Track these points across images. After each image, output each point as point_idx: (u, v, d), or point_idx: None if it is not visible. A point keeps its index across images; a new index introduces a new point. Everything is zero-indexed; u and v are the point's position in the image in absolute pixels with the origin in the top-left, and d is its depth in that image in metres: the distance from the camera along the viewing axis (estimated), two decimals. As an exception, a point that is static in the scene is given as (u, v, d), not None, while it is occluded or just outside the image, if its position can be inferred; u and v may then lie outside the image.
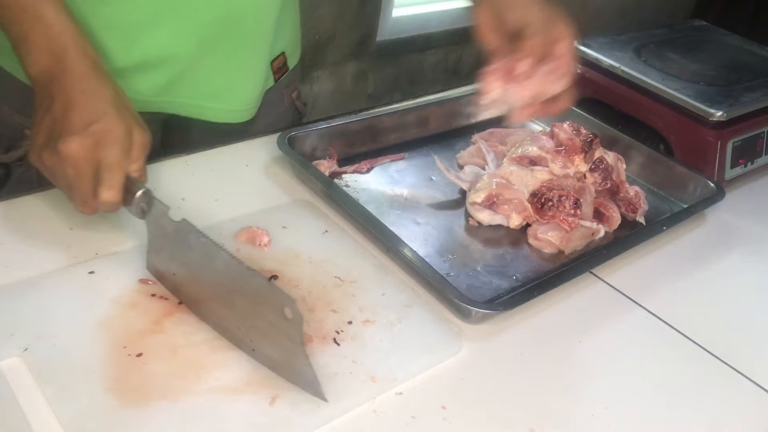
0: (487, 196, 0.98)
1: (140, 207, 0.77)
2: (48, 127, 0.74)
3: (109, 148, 0.74)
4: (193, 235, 0.74)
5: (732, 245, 1.08)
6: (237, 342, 0.72)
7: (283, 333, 0.68)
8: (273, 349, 0.69)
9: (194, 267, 0.75)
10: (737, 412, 0.79)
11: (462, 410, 0.72)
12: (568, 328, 0.86)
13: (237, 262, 0.71)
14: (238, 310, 0.71)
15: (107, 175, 0.74)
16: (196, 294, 0.75)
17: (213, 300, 0.74)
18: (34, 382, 0.65)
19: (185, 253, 0.75)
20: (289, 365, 0.69)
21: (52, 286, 0.75)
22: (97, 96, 0.75)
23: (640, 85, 1.23)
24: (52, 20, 0.76)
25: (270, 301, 0.68)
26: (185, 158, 1.01)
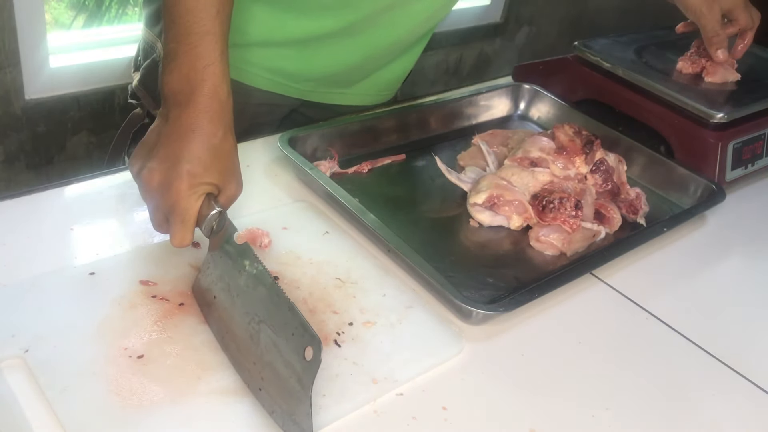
0: (488, 198, 0.98)
1: (210, 226, 0.76)
2: (150, 144, 0.76)
3: (187, 194, 0.73)
4: (249, 260, 0.73)
5: (733, 247, 1.08)
6: (247, 378, 0.69)
7: (295, 375, 0.65)
8: (279, 392, 0.66)
9: (236, 293, 0.73)
10: (738, 414, 0.79)
11: (463, 411, 0.72)
12: (569, 330, 0.86)
13: (279, 292, 0.69)
14: (261, 344, 0.69)
15: (179, 225, 0.74)
16: (227, 321, 0.73)
17: (240, 330, 0.71)
18: (35, 383, 0.65)
19: (234, 277, 0.74)
20: (290, 412, 0.65)
21: (53, 287, 0.75)
22: (202, 138, 0.75)
23: (641, 86, 1.23)
24: (204, 52, 0.76)
25: (296, 337, 0.65)
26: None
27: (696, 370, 0.84)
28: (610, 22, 3.28)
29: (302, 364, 0.64)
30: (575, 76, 1.32)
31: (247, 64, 1.08)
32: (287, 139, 1.01)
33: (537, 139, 1.05)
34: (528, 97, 1.31)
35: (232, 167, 0.78)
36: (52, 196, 0.89)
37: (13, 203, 0.87)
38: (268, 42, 1.07)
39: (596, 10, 3.18)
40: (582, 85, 1.31)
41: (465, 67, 2.78)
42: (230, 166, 0.78)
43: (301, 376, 0.64)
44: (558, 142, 1.03)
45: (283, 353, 0.66)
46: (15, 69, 1.83)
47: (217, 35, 0.77)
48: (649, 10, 3.40)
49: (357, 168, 1.06)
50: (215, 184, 0.76)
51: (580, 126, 1.06)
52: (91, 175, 0.93)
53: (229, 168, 0.78)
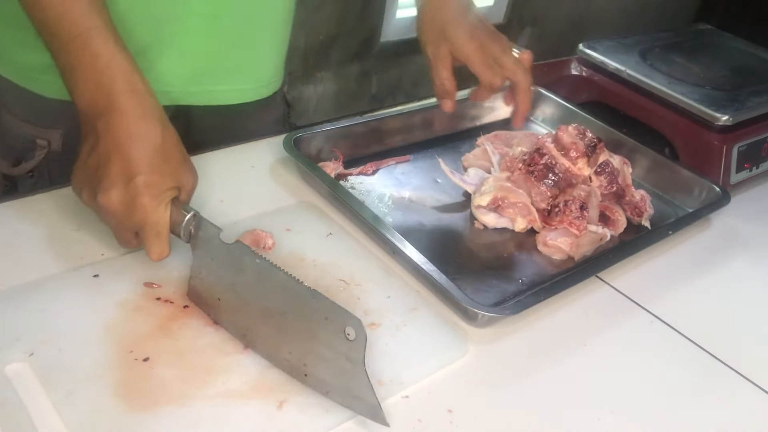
0: (492, 200, 0.98)
1: (188, 231, 0.75)
2: (92, 167, 0.72)
3: (150, 208, 0.72)
4: (248, 257, 0.71)
5: (737, 250, 1.08)
6: (288, 368, 0.69)
7: (342, 354, 0.65)
8: (330, 372, 0.66)
9: (244, 291, 0.72)
10: (743, 417, 0.79)
11: (468, 414, 0.72)
12: (574, 332, 0.85)
13: (296, 282, 0.68)
14: (292, 334, 0.68)
15: (154, 239, 0.73)
16: (244, 320, 0.72)
17: (263, 325, 0.71)
18: (41, 386, 0.64)
19: (235, 276, 0.72)
20: (347, 389, 0.66)
21: (57, 290, 0.75)
22: (143, 142, 0.72)
23: (645, 88, 1.23)
24: (98, 50, 0.72)
25: (331, 320, 0.65)
26: (192, 158, 1.01)
27: (701, 373, 0.84)
28: (613, 23, 3.28)
29: (347, 344, 0.64)
30: (579, 77, 1.32)
31: None
32: (291, 139, 1.01)
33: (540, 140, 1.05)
34: (532, 98, 1.31)
35: (183, 161, 0.76)
36: (56, 197, 0.88)
37: (17, 204, 0.87)
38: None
39: (599, 11, 3.18)
40: (586, 86, 1.31)
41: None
42: (181, 160, 0.76)
43: (349, 355, 0.65)
44: (560, 144, 1.02)
45: (321, 338, 0.66)
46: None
47: (101, 27, 0.73)
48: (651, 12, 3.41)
49: (361, 169, 1.06)
50: (175, 186, 0.74)
51: (585, 128, 1.05)
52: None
53: (181, 163, 0.76)
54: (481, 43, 1.01)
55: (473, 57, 1.01)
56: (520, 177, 1.00)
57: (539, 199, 0.98)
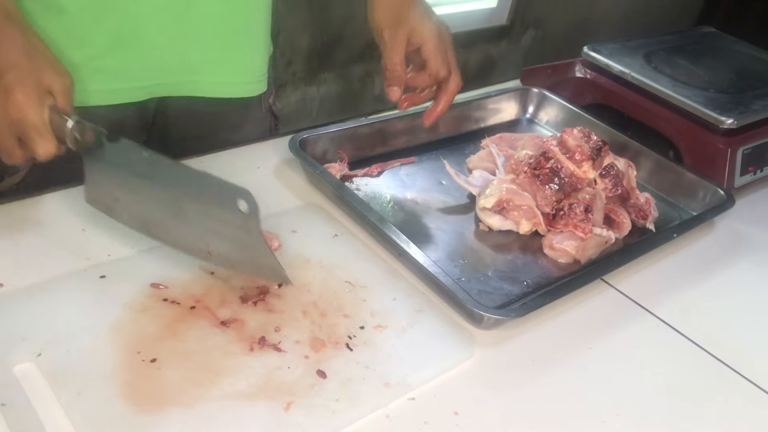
0: (497, 202, 0.98)
1: (74, 137, 0.74)
2: None
3: (26, 104, 0.72)
4: (134, 152, 0.72)
5: (741, 253, 1.08)
6: (194, 252, 0.71)
7: (240, 227, 0.66)
8: (230, 246, 0.68)
9: (138, 185, 0.72)
10: (747, 421, 0.79)
11: (474, 416, 0.72)
12: (579, 335, 0.85)
13: (181, 167, 0.69)
14: (190, 218, 0.69)
15: (35, 135, 0.72)
16: (145, 215, 0.73)
17: (162, 215, 0.71)
18: (48, 387, 0.65)
19: (127, 173, 0.73)
20: (249, 259, 0.67)
21: (64, 291, 0.75)
22: (7, 45, 0.73)
23: (650, 91, 1.23)
24: None
25: (222, 197, 0.66)
26: (198, 159, 1.01)
27: (706, 377, 0.84)
28: (616, 25, 3.28)
29: (241, 216, 0.66)
30: (584, 80, 1.32)
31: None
32: (297, 141, 1.01)
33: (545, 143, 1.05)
34: (536, 100, 1.31)
35: (51, 61, 0.76)
36: (63, 197, 0.88)
37: (24, 204, 0.87)
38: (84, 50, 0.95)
39: (602, 13, 3.18)
40: (591, 89, 1.31)
41: (470, 70, 2.77)
42: (49, 60, 0.76)
43: (245, 227, 0.66)
44: (565, 147, 1.02)
45: (216, 216, 0.68)
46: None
47: None
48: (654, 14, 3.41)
49: (367, 170, 1.06)
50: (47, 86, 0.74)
51: (590, 130, 1.06)
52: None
53: (49, 63, 0.76)
54: (438, 31, 1.00)
55: (429, 41, 0.99)
56: (525, 180, 1.00)
57: (544, 203, 0.99)
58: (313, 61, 2.27)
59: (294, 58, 2.23)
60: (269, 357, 0.72)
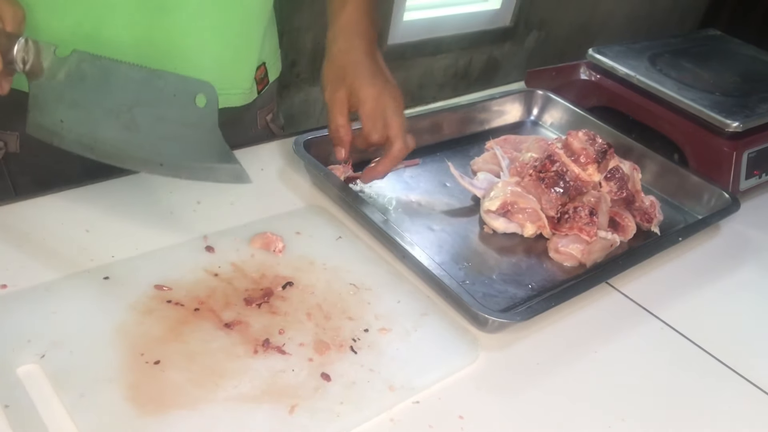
0: (502, 204, 0.98)
1: (22, 59, 0.72)
2: None
3: None
4: (88, 62, 0.69)
5: (746, 256, 1.08)
6: (144, 165, 0.68)
7: (195, 127, 0.63)
8: (185, 151, 0.64)
9: (87, 100, 0.70)
10: (753, 425, 0.79)
11: (479, 420, 0.71)
12: (584, 339, 0.85)
13: (140, 68, 0.66)
14: (142, 128, 0.66)
15: None
16: (90, 132, 0.70)
17: (111, 130, 0.68)
18: (52, 389, 0.64)
19: (77, 88, 0.70)
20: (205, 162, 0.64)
21: (68, 292, 0.75)
22: None
23: (655, 94, 1.22)
24: None
25: (179, 94, 0.63)
26: (200, 162, 1.01)
27: (711, 380, 0.83)
28: (619, 28, 3.28)
29: (198, 112, 0.63)
30: (588, 82, 1.32)
31: None
32: (302, 142, 1.01)
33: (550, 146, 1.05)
34: (541, 102, 1.31)
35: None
36: (66, 197, 0.88)
37: (27, 205, 0.87)
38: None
39: (605, 15, 3.18)
40: (595, 91, 1.31)
41: (474, 71, 2.77)
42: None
43: (201, 124, 0.63)
44: (570, 150, 1.02)
45: (171, 118, 0.65)
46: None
47: None
48: (658, 17, 3.41)
49: (370, 173, 1.06)
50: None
51: (595, 133, 1.05)
52: (106, 177, 0.93)
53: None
54: (378, 94, 0.96)
55: (366, 102, 0.95)
56: (530, 183, 1.00)
57: (548, 206, 0.98)
58: (317, 62, 2.26)
59: (297, 59, 2.23)
60: (273, 359, 0.72)
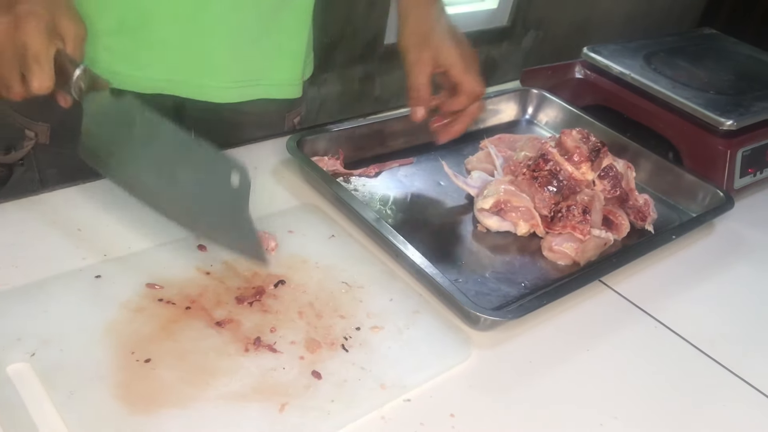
0: (495, 203, 0.98)
1: (78, 87, 0.75)
2: None
3: (34, 35, 0.72)
4: (136, 110, 0.72)
5: (741, 255, 1.08)
6: (179, 220, 0.71)
7: (228, 201, 0.66)
8: (217, 219, 0.68)
9: (135, 144, 0.73)
10: (746, 424, 0.79)
11: (470, 418, 0.71)
12: (577, 337, 0.85)
13: (181, 133, 0.69)
14: (181, 185, 0.70)
15: (35, 66, 0.73)
16: (137, 175, 0.73)
17: (152, 176, 0.72)
18: (42, 387, 0.64)
19: (126, 130, 0.73)
20: (231, 234, 0.68)
21: (59, 290, 0.75)
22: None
23: (649, 92, 1.22)
24: None
25: (218, 169, 0.67)
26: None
27: (705, 379, 0.83)
28: (617, 27, 3.28)
29: (232, 190, 0.66)
30: (584, 81, 1.32)
31: None
32: (295, 141, 1.01)
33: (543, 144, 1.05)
34: (536, 101, 1.31)
35: (68, 6, 0.76)
36: (58, 196, 0.88)
37: (19, 204, 0.87)
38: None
39: (603, 14, 3.18)
40: (590, 90, 1.31)
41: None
42: (69, 5, 0.76)
43: (234, 200, 0.66)
44: (564, 148, 1.02)
45: (207, 186, 0.68)
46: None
47: None
48: (656, 16, 3.41)
49: (364, 170, 1.06)
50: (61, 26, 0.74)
51: (588, 132, 1.05)
52: (98, 176, 0.93)
53: (66, 6, 0.76)
54: (463, 54, 1.00)
55: (457, 63, 0.99)
56: (523, 181, 1.00)
57: (542, 205, 0.98)
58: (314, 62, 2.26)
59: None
60: (264, 358, 0.72)
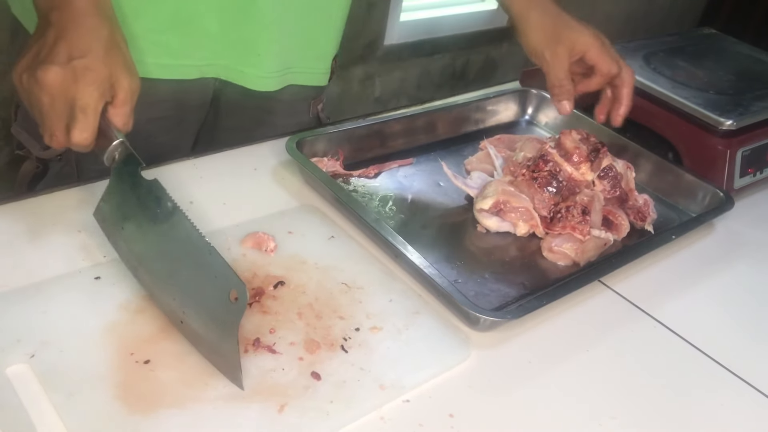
0: (494, 203, 0.98)
1: (112, 156, 0.76)
2: (36, 51, 0.74)
3: (86, 88, 0.73)
4: (160, 195, 0.74)
5: (740, 255, 1.08)
6: (167, 311, 0.72)
7: (221, 315, 0.67)
8: (204, 327, 0.69)
9: (149, 228, 0.75)
10: (745, 424, 0.79)
11: (469, 419, 0.71)
12: (576, 337, 0.85)
13: (199, 236, 0.71)
14: (181, 280, 0.71)
15: (81, 116, 0.74)
16: (140, 254, 0.75)
17: (156, 264, 0.73)
18: (41, 389, 0.64)
19: (145, 212, 0.75)
20: (215, 346, 0.68)
21: (59, 292, 0.75)
22: (90, 33, 0.75)
23: (649, 93, 1.22)
24: None
25: (219, 280, 0.68)
26: (193, 161, 1.01)
27: (703, 379, 0.83)
28: (617, 27, 3.28)
29: (227, 305, 0.67)
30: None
31: None
32: (295, 142, 1.01)
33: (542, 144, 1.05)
34: (536, 102, 1.31)
35: (125, 60, 0.78)
36: (58, 198, 0.88)
37: (20, 205, 0.87)
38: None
39: (603, 15, 3.18)
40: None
41: (471, 72, 2.77)
42: (124, 58, 0.78)
43: (226, 316, 0.67)
44: (563, 149, 1.02)
45: (206, 293, 0.69)
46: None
47: None
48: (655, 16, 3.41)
49: (363, 171, 1.06)
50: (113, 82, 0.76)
51: (588, 132, 1.05)
52: (98, 177, 0.93)
53: (123, 60, 0.78)
54: (595, 36, 1.05)
55: (592, 47, 1.04)
56: (523, 182, 1.00)
57: (541, 206, 0.98)
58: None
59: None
60: (263, 359, 0.72)
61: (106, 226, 0.79)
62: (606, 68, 1.05)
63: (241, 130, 1.15)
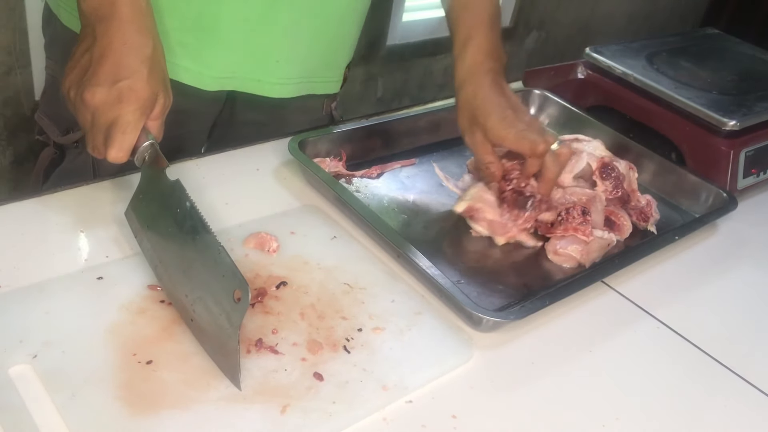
0: (467, 209, 0.97)
1: (143, 156, 0.79)
2: (83, 67, 0.77)
3: (129, 109, 0.75)
4: (181, 196, 0.76)
5: (744, 255, 1.08)
6: (180, 308, 0.74)
7: (225, 314, 0.69)
8: (210, 326, 0.70)
9: (169, 226, 0.77)
10: (748, 424, 0.78)
11: (472, 419, 0.71)
12: (579, 338, 0.85)
13: (211, 236, 0.72)
14: (193, 279, 0.73)
15: (120, 136, 0.76)
16: (160, 252, 0.77)
17: (173, 263, 0.75)
18: (44, 389, 0.64)
19: (167, 211, 0.77)
20: (219, 345, 0.69)
21: (61, 292, 0.75)
22: (135, 51, 0.77)
23: (652, 93, 1.22)
24: None
25: (225, 279, 0.69)
26: (196, 161, 1.01)
27: (707, 380, 0.83)
28: (620, 27, 3.27)
29: (231, 304, 0.68)
30: (586, 81, 1.32)
31: None
32: (297, 142, 1.01)
33: None
34: (538, 102, 1.31)
35: (165, 77, 0.80)
36: (61, 198, 0.88)
37: (22, 205, 0.87)
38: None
39: (605, 15, 3.18)
40: (593, 91, 1.31)
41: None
42: (163, 76, 0.80)
43: (230, 315, 0.68)
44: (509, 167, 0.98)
45: (213, 292, 0.70)
46: (25, 70, 1.83)
47: None
48: (657, 17, 3.40)
49: (366, 171, 1.06)
50: (155, 97, 0.78)
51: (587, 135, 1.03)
52: (100, 178, 0.93)
53: (164, 79, 0.80)
54: (511, 124, 0.95)
55: (507, 137, 0.94)
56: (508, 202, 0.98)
57: (524, 223, 0.96)
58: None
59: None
60: (266, 359, 0.72)
61: (134, 224, 0.81)
62: (529, 151, 0.94)
63: (255, 125, 1.16)
